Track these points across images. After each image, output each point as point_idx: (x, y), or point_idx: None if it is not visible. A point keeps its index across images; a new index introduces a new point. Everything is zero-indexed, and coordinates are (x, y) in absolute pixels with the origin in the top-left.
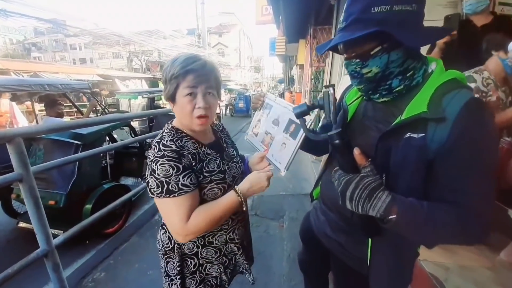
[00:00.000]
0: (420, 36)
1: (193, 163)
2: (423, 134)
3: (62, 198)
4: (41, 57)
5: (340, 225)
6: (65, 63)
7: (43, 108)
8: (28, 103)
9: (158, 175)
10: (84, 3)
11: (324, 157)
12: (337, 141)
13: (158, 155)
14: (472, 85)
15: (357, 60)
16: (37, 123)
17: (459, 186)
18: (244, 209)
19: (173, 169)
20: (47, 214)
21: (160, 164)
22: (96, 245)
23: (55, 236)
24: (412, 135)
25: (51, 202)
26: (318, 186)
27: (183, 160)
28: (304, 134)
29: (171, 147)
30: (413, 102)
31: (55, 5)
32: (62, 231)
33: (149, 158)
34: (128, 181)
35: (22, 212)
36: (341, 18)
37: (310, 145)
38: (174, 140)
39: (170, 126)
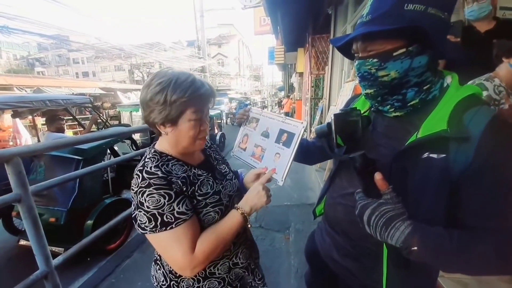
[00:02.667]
0: (448, 47)
1: (184, 188)
2: (444, 155)
3: (63, 215)
4: (45, 71)
5: (347, 250)
6: (68, 77)
7: (45, 123)
8: (31, 117)
9: (148, 207)
10: (87, 19)
11: (329, 165)
12: (357, 164)
13: (143, 185)
14: (484, 93)
15: (375, 60)
16: (38, 138)
17: (493, 211)
18: (250, 226)
19: (164, 198)
20: (48, 232)
21: (147, 195)
22: (98, 262)
23: (56, 254)
24: (431, 155)
25: (52, 220)
26: (322, 202)
27: (173, 187)
28: (299, 141)
29: (157, 174)
30: (430, 119)
31: (58, 21)
32: (63, 249)
33: (133, 190)
34: (130, 194)
35: (23, 230)
36: (365, 11)
37: (301, 154)
38: (160, 165)
39: (152, 150)
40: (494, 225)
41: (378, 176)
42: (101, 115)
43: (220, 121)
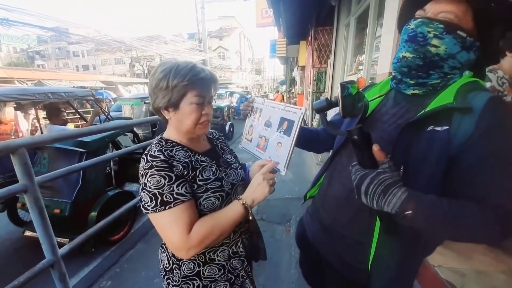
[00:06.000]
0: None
1: (185, 173)
2: (447, 127)
3: (68, 206)
4: (45, 64)
5: (336, 231)
6: (68, 70)
7: (46, 116)
8: (32, 110)
9: (150, 187)
10: (86, 11)
11: None
12: (356, 137)
13: (147, 167)
14: (488, 84)
15: (441, 26)
16: (41, 131)
17: (483, 180)
18: (251, 218)
19: (165, 179)
20: (52, 223)
21: (149, 176)
22: (102, 253)
23: (61, 245)
24: (435, 128)
25: (57, 211)
26: (315, 186)
27: (174, 170)
28: (299, 129)
29: (159, 157)
30: (438, 98)
31: (58, 13)
32: (68, 240)
33: (140, 173)
34: (133, 187)
35: (28, 221)
36: None
37: (310, 142)
38: (163, 150)
39: (159, 137)
40: (480, 193)
41: (376, 147)
42: (102, 108)
43: (228, 113)
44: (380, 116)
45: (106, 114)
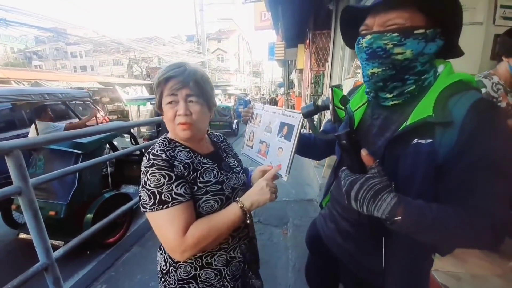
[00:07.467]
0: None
1: (185, 173)
2: (430, 140)
3: (63, 208)
4: (42, 65)
5: (350, 234)
6: (66, 71)
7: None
8: None
9: (149, 185)
10: (84, 12)
11: (328, 162)
12: (344, 141)
13: (148, 165)
14: (482, 90)
15: (395, 34)
16: (37, 132)
17: (470, 188)
18: (248, 222)
19: (165, 178)
20: (47, 225)
21: (150, 174)
22: (97, 256)
23: (55, 247)
24: (419, 141)
25: (52, 213)
26: (328, 195)
27: (174, 169)
28: (299, 133)
29: (161, 156)
30: (419, 107)
31: (56, 14)
32: (63, 242)
33: (141, 171)
34: (129, 189)
35: (22, 223)
36: None
37: (307, 149)
38: (165, 150)
39: (163, 137)
40: (469, 199)
41: (364, 152)
42: (99, 109)
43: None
44: (369, 127)
45: (104, 115)
